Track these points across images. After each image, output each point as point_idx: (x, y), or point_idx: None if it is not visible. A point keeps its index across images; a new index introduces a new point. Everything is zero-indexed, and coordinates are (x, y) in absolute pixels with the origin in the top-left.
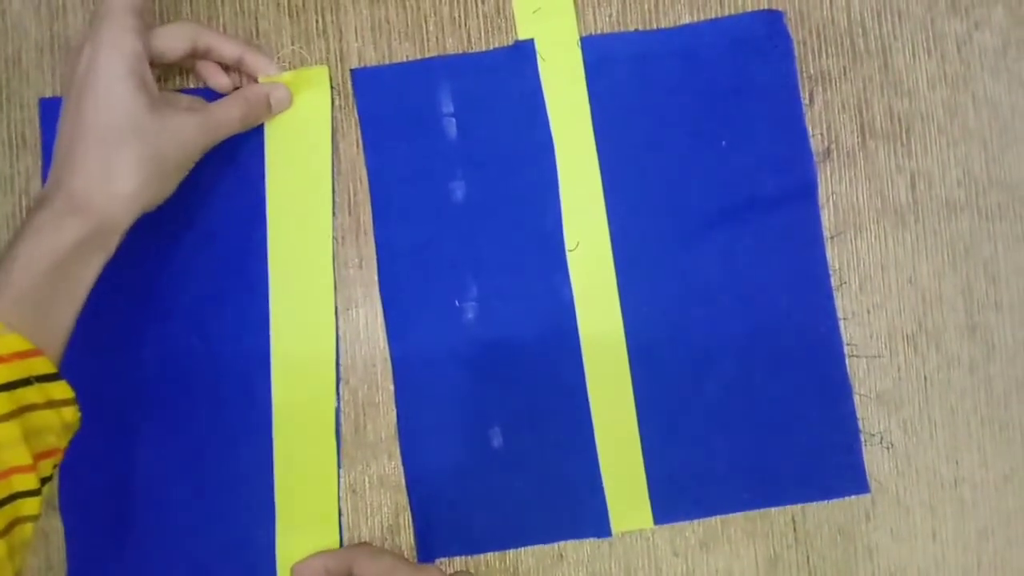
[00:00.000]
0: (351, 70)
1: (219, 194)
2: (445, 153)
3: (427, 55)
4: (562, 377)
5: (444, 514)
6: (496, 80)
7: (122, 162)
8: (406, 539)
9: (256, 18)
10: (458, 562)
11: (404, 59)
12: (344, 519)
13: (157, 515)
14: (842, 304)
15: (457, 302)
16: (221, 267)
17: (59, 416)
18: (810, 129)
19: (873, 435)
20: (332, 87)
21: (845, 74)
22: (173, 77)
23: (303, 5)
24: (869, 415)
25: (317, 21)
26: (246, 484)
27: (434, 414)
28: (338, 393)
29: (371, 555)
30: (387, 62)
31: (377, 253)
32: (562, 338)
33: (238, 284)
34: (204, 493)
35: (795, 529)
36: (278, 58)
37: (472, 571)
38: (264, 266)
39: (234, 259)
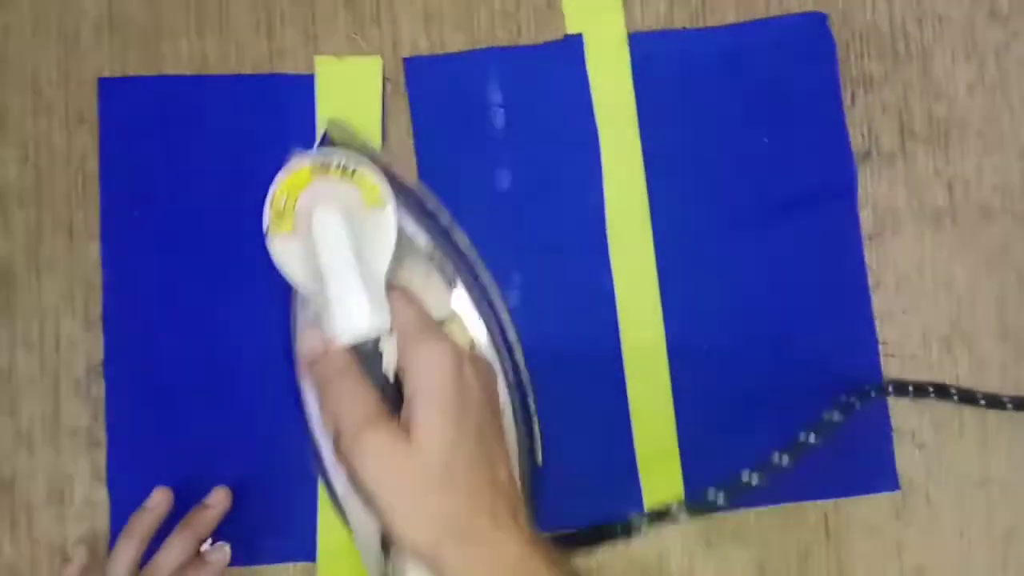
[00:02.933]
0: (404, 59)
1: (269, 178)
2: (492, 142)
3: (478, 46)
4: (601, 367)
5: None
6: (544, 73)
7: None
8: None
9: (313, 4)
10: None
11: (455, 49)
12: None
13: (200, 488)
14: (878, 304)
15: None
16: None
17: None
18: (851, 130)
19: (904, 433)
20: (385, 77)
21: (886, 77)
22: None
23: None
24: (901, 414)
25: (372, 9)
26: (287, 460)
27: None
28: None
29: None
30: (439, 52)
31: None
32: (602, 328)
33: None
34: (245, 469)
35: (827, 524)
36: (333, 51)
37: None
38: None
39: None
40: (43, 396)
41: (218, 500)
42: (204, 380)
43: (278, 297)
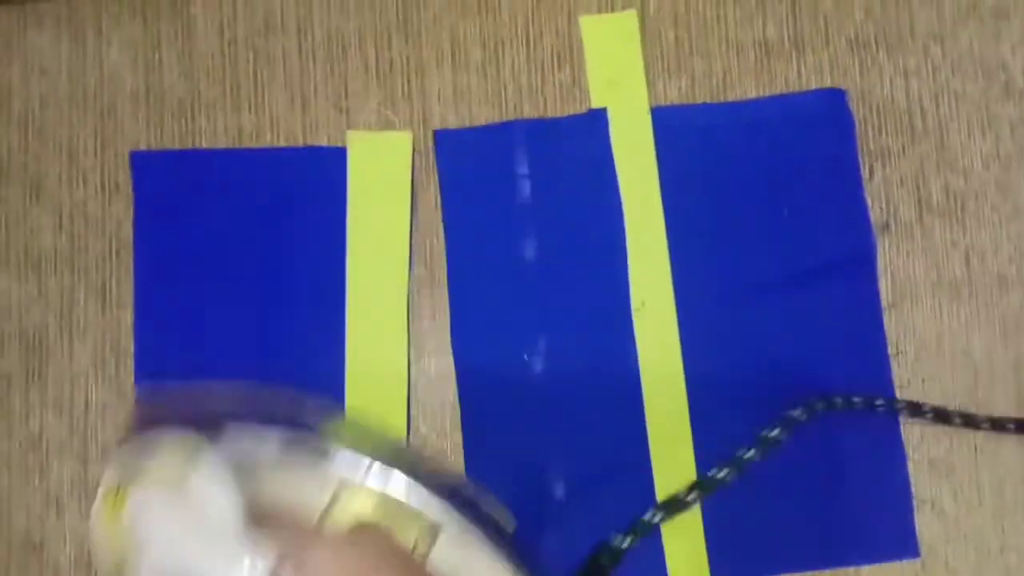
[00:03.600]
0: (434, 131)
1: (302, 248)
2: (519, 212)
3: (505, 118)
4: (624, 435)
5: None
6: (570, 145)
7: None
8: None
9: (346, 79)
10: None
11: (483, 122)
12: None
13: None
14: (898, 373)
15: (525, 356)
16: (300, 319)
17: None
18: (869, 202)
19: (924, 501)
20: (414, 148)
21: (904, 151)
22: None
23: (390, 70)
24: (921, 481)
25: (403, 85)
26: None
27: (500, 463)
28: (408, 441)
29: None
30: (467, 125)
31: (450, 305)
32: (625, 395)
33: (316, 335)
34: None
35: None
36: (364, 124)
37: None
38: (342, 317)
39: (313, 312)
40: (72, 460)
41: None
42: None
43: (308, 370)
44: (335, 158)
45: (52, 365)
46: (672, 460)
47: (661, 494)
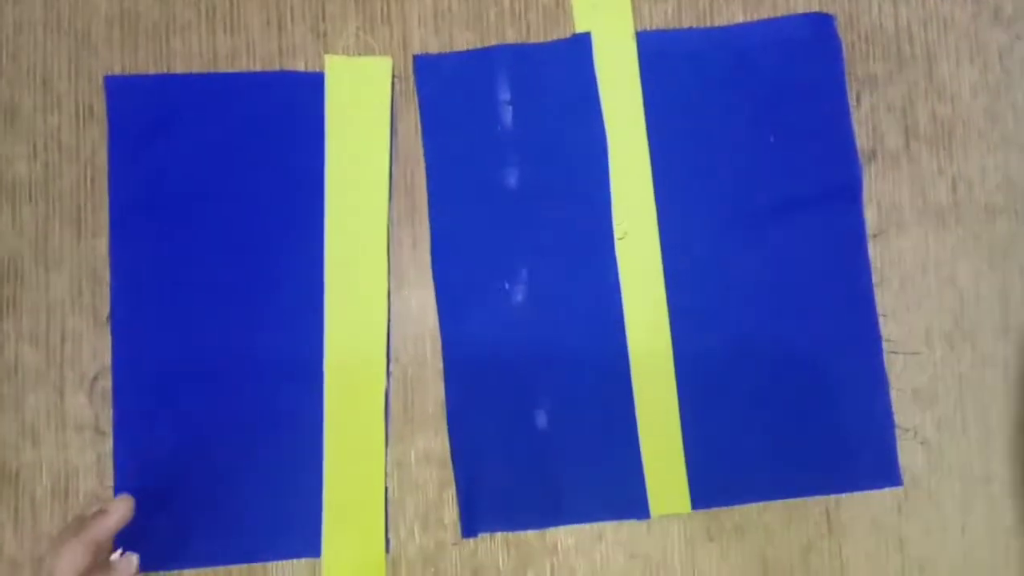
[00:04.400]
0: (413, 56)
1: (279, 175)
2: (501, 140)
3: (487, 44)
4: (607, 362)
5: (488, 490)
6: (553, 70)
7: None
8: (449, 514)
9: (324, 3)
10: (498, 537)
11: (465, 48)
12: (390, 492)
13: (205, 484)
14: (882, 301)
15: (507, 285)
16: (278, 246)
17: None
18: (856, 129)
19: (907, 430)
20: (393, 74)
21: (891, 78)
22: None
23: None
24: (904, 410)
25: (383, 8)
26: (294, 458)
27: (481, 393)
28: (388, 371)
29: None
30: (448, 50)
31: (431, 235)
32: (607, 324)
33: (294, 263)
34: (251, 466)
35: (828, 519)
36: (343, 49)
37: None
38: (320, 246)
39: (291, 239)
40: (48, 390)
41: (116, 508)
42: (211, 376)
43: (286, 295)
44: (312, 84)
45: (27, 295)
46: (653, 388)
47: (642, 422)
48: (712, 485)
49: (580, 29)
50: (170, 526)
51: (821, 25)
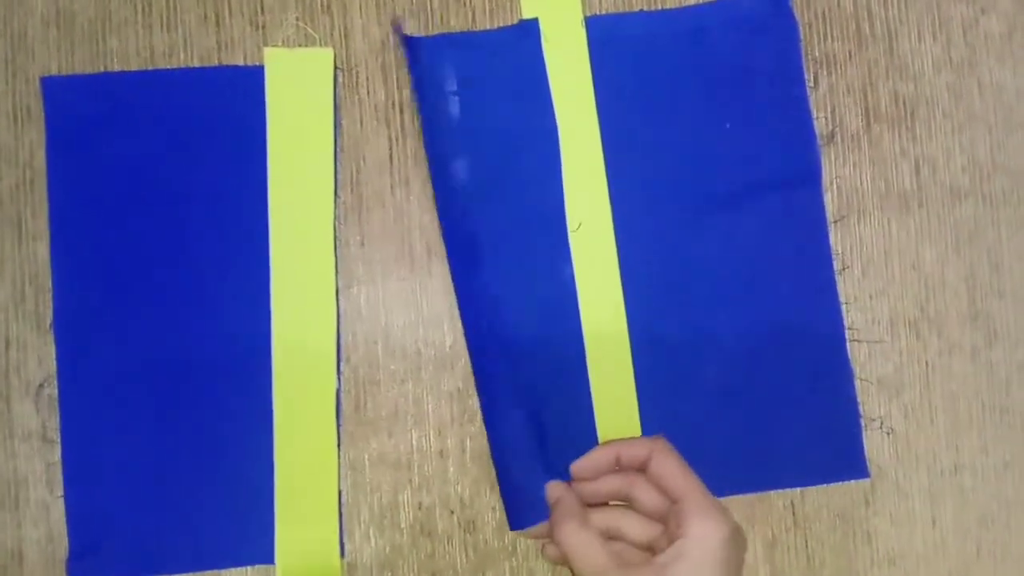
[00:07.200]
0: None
1: (221, 173)
2: (448, 131)
3: (431, 33)
4: (563, 357)
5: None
6: (500, 59)
7: None
8: (405, 517)
9: None
10: (456, 539)
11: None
12: (344, 496)
13: (156, 491)
14: (844, 288)
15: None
16: (222, 246)
17: None
18: (815, 112)
19: (873, 420)
20: (336, 66)
21: (850, 57)
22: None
23: None
24: (870, 400)
25: None
26: (245, 462)
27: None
28: (339, 371)
29: (668, 451)
30: (390, 39)
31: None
32: (563, 318)
33: (239, 262)
34: (202, 472)
35: (794, 513)
36: (282, 40)
37: None
38: (265, 244)
39: (235, 238)
40: None
41: None
42: (159, 381)
43: (231, 296)
44: (252, 78)
45: None
46: (611, 383)
47: (600, 417)
48: None
49: (527, 15)
50: (121, 534)
51: (776, 4)
